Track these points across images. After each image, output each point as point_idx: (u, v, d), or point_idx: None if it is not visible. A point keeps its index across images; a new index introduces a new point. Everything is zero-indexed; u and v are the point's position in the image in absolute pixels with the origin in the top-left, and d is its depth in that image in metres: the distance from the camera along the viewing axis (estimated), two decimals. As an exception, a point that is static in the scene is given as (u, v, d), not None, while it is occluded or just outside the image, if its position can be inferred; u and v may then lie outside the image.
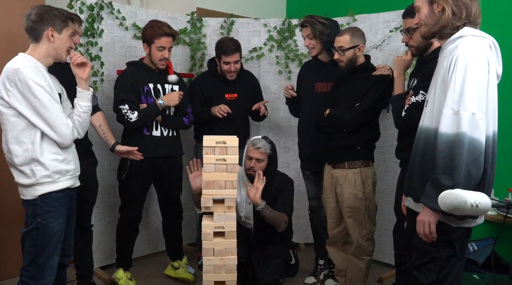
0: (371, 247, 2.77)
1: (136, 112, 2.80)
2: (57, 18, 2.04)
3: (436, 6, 1.71)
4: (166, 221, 3.20)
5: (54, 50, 2.06)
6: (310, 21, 2.88)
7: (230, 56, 3.06)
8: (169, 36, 2.86)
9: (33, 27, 2.02)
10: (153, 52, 2.87)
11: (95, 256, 3.19)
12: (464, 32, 1.65)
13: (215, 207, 2.28)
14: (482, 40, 1.62)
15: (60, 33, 2.05)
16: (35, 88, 1.93)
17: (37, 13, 2.02)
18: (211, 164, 2.24)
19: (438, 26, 1.71)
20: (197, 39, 3.68)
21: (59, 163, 2.04)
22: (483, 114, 1.53)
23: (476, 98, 1.53)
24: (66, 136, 2.02)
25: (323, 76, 2.98)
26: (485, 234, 3.25)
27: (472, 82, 1.53)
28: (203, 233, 2.27)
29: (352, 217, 2.71)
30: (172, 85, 3.00)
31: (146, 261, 3.56)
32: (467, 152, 1.50)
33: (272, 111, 3.76)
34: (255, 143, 2.71)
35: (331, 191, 2.81)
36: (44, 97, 1.95)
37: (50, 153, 2.01)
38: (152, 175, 2.99)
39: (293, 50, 3.72)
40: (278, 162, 2.91)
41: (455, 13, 1.67)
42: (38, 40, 2.03)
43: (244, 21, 3.76)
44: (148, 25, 2.89)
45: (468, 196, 1.38)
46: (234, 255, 2.28)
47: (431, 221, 1.61)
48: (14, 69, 1.93)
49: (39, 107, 1.95)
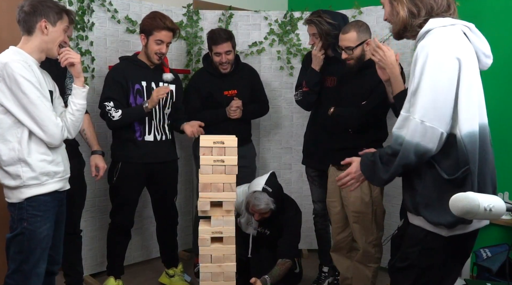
0: (379, 254, 2.77)
1: (120, 110, 2.81)
2: (51, 10, 2.04)
3: (396, 5, 1.72)
4: (160, 226, 3.19)
5: (46, 44, 2.06)
6: (317, 21, 2.85)
7: (221, 45, 3.05)
8: (170, 30, 2.85)
9: (25, 19, 2.02)
10: (150, 44, 2.86)
11: (85, 263, 3.18)
12: (430, 25, 1.64)
13: (212, 211, 2.28)
14: (452, 30, 1.61)
15: (54, 26, 2.05)
16: (23, 83, 1.92)
17: (31, 4, 2.03)
18: (208, 165, 2.24)
19: (399, 26, 1.73)
20: (193, 33, 3.68)
21: (47, 164, 2.03)
22: (437, 120, 1.54)
23: (428, 105, 1.54)
24: (54, 136, 2.02)
25: (328, 70, 2.97)
26: (499, 240, 3.24)
27: (425, 88, 1.54)
28: (200, 238, 2.27)
29: (358, 222, 2.71)
30: (167, 84, 2.99)
31: (139, 268, 3.55)
32: (406, 156, 1.58)
33: (273, 110, 3.76)
34: (256, 204, 2.73)
35: (336, 194, 2.81)
36: (33, 93, 1.94)
37: (38, 153, 2.01)
38: (144, 178, 2.98)
39: (295, 44, 3.71)
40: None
41: (413, 12, 1.68)
42: (31, 33, 2.04)
43: (243, 13, 3.75)
44: (150, 16, 2.88)
45: (481, 199, 1.38)
46: (232, 262, 2.28)
47: (355, 178, 1.81)
48: (3, 63, 1.93)
49: (27, 104, 1.94)
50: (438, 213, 1.62)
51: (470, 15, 3.03)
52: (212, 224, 2.27)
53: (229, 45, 3.08)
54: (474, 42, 1.66)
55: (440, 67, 1.55)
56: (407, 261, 1.74)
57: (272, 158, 3.84)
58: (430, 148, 1.56)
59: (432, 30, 1.63)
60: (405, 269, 1.75)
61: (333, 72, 2.94)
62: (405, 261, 1.75)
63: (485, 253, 3.05)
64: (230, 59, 3.13)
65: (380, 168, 1.68)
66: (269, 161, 3.85)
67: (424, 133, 1.55)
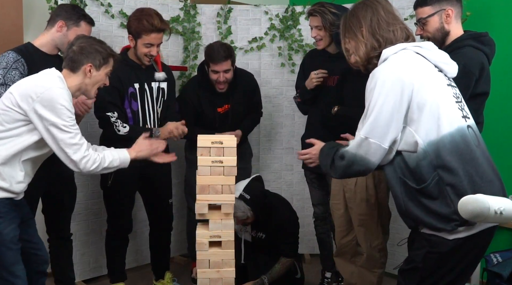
0: (384, 259, 2.77)
1: (128, 127, 2.77)
2: (98, 55, 2.15)
3: (360, 41, 1.87)
4: (154, 230, 3.16)
5: (86, 85, 2.17)
6: (320, 11, 2.83)
7: (219, 64, 2.98)
8: (159, 31, 2.76)
9: (73, 58, 2.14)
10: (139, 47, 2.78)
11: (78, 268, 3.18)
12: (385, 54, 1.80)
13: (210, 214, 2.27)
14: (402, 54, 1.78)
15: (98, 70, 2.16)
16: (63, 111, 2.03)
17: (80, 45, 2.14)
18: (206, 166, 2.24)
19: (364, 61, 1.89)
20: (190, 28, 3.68)
21: (14, 183, 2.07)
22: (380, 138, 1.73)
23: (373, 124, 1.73)
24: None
25: (329, 69, 2.95)
26: (510, 244, 3.24)
27: (372, 111, 1.74)
28: (197, 242, 2.26)
29: (363, 225, 2.71)
30: (159, 83, 2.94)
31: (130, 274, 3.48)
32: (351, 164, 1.81)
33: (274, 108, 3.76)
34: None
35: (340, 196, 2.80)
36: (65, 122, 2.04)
37: (18, 170, 2.06)
38: (138, 180, 2.96)
39: (297, 40, 3.72)
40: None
41: (374, 46, 1.84)
42: (75, 71, 2.14)
43: (243, 8, 3.75)
44: (136, 16, 2.77)
45: (491, 202, 1.38)
46: (232, 267, 2.27)
47: (313, 159, 2.06)
48: (46, 87, 2.01)
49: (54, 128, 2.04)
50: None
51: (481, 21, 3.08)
52: (210, 227, 2.27)
53: (228, 64, 3.00)
54: (431, 58, 1.82)
55: (386, 93, 1.71)
56: (412, 263, 1.83)
57: (272, 158, 3.85)
58: (372, 160, 1.77)
59: (387, 59, 1.80)
60: (409, 271, 1.83)
61: (335, 71, 2.92)
62: (410, 263, 1.84)
63: (495, 258, 3.05)
64: (229, 78, 3.06)
65: (331, 166, 1.89)
66: (270, 161, 3.85)
67: (367, 148, 1.75)
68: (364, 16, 1.85)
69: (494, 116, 3.06)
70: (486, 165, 1.74)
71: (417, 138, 1.70)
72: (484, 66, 2.22)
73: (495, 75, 3.02)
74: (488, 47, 2.27)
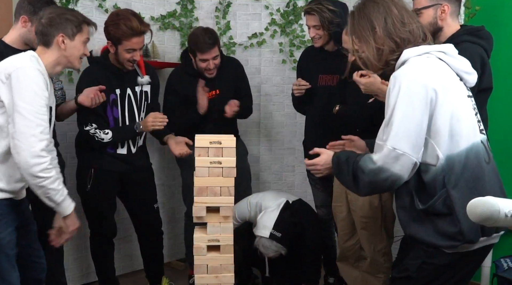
0: (388, 263, 2.76)
1: (109, 132, 2.74)
2: (69, 23, 2.07)
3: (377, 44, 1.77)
4: (141, 235, 3.14)
5: (65, 58, 2.10)
6: (318, 9, 2.82)
7: (207, 53, 2.98)
8: (140, 35, 2.70)
9: (43, 32, 2.06)
10: (121, 53, 2.72)
11: (70, 274, 3.18)
12: (405, 55, 1.72)
13: (208, 217, 2.27)
14: (426, 59, 1.71)
15: (72, 40, 2.08)
16: (31, 96, 1.91)
17: (48, 16, 2.06)
18: (204, 167, 2.24)
19: (382, 64, 1.79)
20: (188, 24, 3.68)
21: (11, 181, 2.02)
22: (409, 148, 1.63)
23: (401, 134, 1.64)
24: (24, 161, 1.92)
25: (327, 67, 2.95)
26: (520, 249, 3.25)
27: (398, 119, 1.64)
28: (195, 247, 2.26)
29: (367, 228, 2.71)
30: (142, 86, 2.91)
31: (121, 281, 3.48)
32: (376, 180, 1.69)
33: (275, 107, 3.76)
34: (264, 252, 2.82)
35: (343, 198, 2.81)
36: (32, 108, 1.91)
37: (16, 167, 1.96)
38: (118, 182, 2.93)
39: (299, 36, 3.72)
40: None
41: (392, 49, 1.75)
42: (48, 46, 2.07)
43: (242, 2, 3.76)
44: (112, 22, 2.69)
45: (501, 204, 1.37)
46: (231, 273, 2.27)
47: (320, 171, 1.96)
48: (16, 66, 1.92)
49: (19, 113, 1.90)
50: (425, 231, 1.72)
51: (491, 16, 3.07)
52: (209, 231, 2.27)
53: (216, 50, 3.00)
54: (453, 65, 1.76)
55: (412, 98, 1.63)
56: (405, 272, 1.79)
57: (273, 159, 3.85)
58: (401, 175, 1.65)
59: (407, 60, 1.72)
60: (402, 279, 1.80)
61: (334, 70, 2.91)
62: (403, 272, 1.80)
63: (505, 263, 3.04)
64: (217, 64, 3.06)
65: (355, 183, 1.76)
66: (270, 162, 3.85)
67: (395, 161, 1.64)
68: (376, 16, 1.75)
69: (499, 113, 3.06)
70: (494, 182, 1.73)
71: (437, 152, 1.66)
72: (485, 61, 2.22)
73: (503, 72, 3.04)
74: (486, 41, 2.26)
